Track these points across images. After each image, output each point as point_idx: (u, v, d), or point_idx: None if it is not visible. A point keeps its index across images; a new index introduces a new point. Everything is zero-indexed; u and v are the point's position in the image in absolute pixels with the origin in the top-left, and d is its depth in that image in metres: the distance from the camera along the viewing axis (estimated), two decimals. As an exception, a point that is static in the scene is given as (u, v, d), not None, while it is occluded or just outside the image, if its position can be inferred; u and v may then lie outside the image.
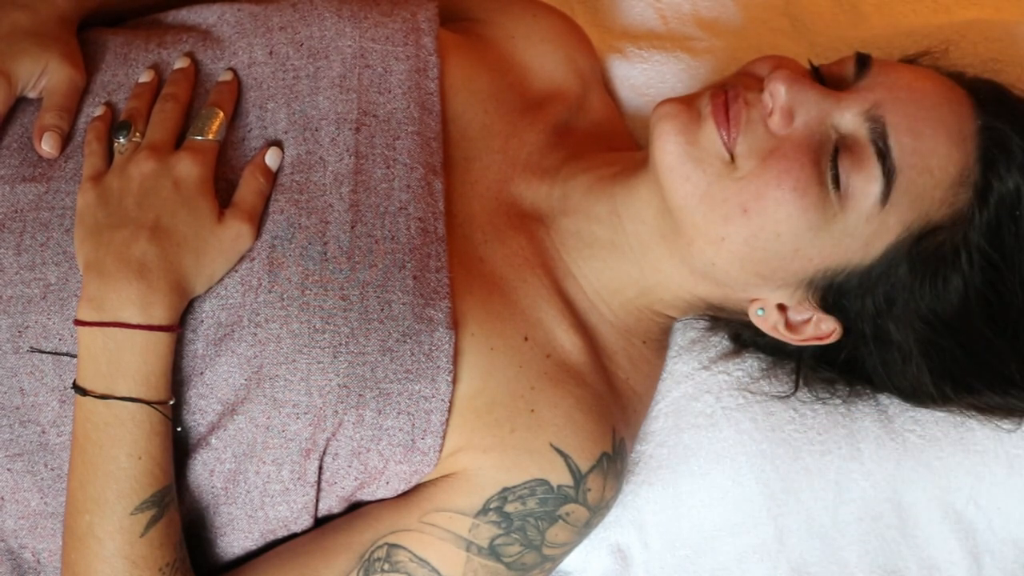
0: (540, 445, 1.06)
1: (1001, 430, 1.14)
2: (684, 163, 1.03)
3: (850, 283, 1.06)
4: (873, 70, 1.05)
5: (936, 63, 1.14)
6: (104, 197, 1.04)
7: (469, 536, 1.05)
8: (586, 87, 1.26)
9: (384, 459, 1.04)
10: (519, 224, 1.14)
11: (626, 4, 1.41)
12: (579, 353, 1.10)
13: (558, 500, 1.06)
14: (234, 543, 1.07)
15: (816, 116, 1.03)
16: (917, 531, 1.17)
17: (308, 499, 1.05)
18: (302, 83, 1.12)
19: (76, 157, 1.09)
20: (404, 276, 1.05)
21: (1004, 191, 1.03)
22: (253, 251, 1.05)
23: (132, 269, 1.00)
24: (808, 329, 1.09)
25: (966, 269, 1.04)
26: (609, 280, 1.13)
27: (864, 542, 1.17)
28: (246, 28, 1.14)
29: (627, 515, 1.18)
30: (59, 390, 1.04)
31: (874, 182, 1.02)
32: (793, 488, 1.16)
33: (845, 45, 1.31)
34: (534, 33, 1.25)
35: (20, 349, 1.04)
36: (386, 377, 1.02)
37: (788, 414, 1.17)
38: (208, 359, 1.04)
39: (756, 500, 1.16)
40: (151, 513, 1.01)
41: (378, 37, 1.14)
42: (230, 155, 1.09)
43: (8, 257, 1.05)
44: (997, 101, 1.06)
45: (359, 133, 1.10)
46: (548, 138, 1.19)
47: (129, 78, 1.13)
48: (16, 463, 1.05)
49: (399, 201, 1.08)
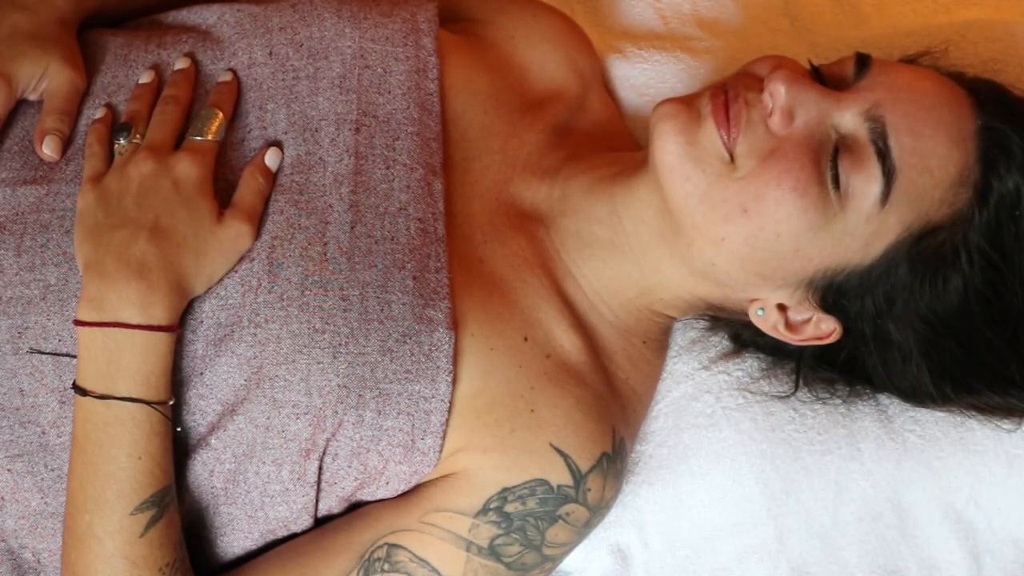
0: (540, 445, 1.06)
1: (1001, 430, 1.14)
2: (684, 163, 1.03)
3: (850, 283, 1.06)
4: (873, 70, 1.05)
5: (936, 63, 1.14)
6: (104, 198, 1.04)
7: (469, 536, 1.05)
8: (586, 87, 1.26)
9: (384, 459, 1.04)
10: (519, 224, 1.14)
11: (626, 4, 1.41)
12: (579, 353, 1.10)
13: (558, 500, 1.06)
14: (234, 543, 1.07)
15: (816, 116, 1.03)
16: (917, 531, 1.17)
17: (308, 499, 1.05)
18: (302, 84, 1.12)
19: (77, 159, 1.09)
20: (404, 276, 1.05)
21: (1004, 191, 1.03)
22: (253, 251, 1.05)
23: (132, 269, 1.00)
24: (808, 329, 1.09)
25: (966, 269, 1.03)
26: (609, 280, 1.13)
27: (864, 542, 1.17)
28: (246, 29, 1.14)
29: (627, 515, 1.17)
30: (59, 391, 1.04)
31: (874, 182, 1.02)
32: (793, 488, 1.16)
33: (845, 45, 1.31)
34: (534, 33, 1.25)
35: (20, 350, 1.04)
36: (386, 377, 1.02)
37: (788, 414, 1.17)
38: (208, 359, 1.04)
39: (756, 500, 1.16)
40: (151, 513, 1.01)
41: (378, 38, 1.14)
42: (230, 156, 1.09)
43: (8, 258, 1.05)
44: (997, 101, 1.06)
45: (359, 134, 1.10)
46: (548, 138, 1.19)
47: (129, 79, 1.13)
48: (16, 463, 1.05)
49: (399, 202, 1.08)
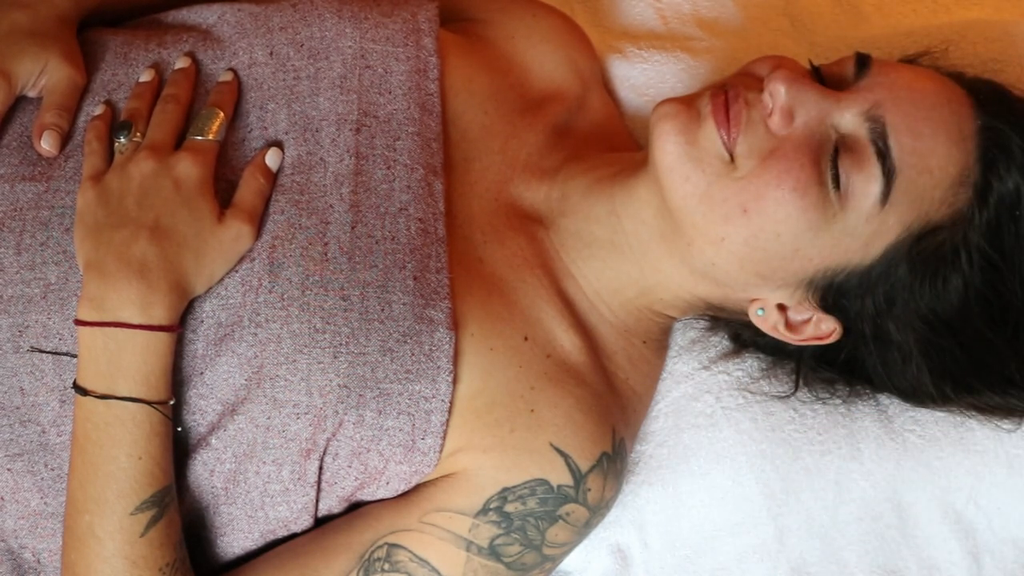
0: (540, 445, 1.06)
1: (1001, 430, 1.14)
2: (684, 163, 1.03)
3: (850, 283, 1.06)
4: (873, 70, 1.05)
5: (936, 63, 1.14)
6: (104, 197, 1.04)
7: (469, 536, 1.05)
8: (586, 87, 1.26)
9: (384, 459, 1.04)
10: (519, 225, 1.14)
11: (626, 4, 1.41)
12: (579, 353, 1.10)
13: (558, 500, 1.06)
14: (234, 543, 1.07)
15: (816, 116, 1.03)
16: (917, 531, 1.17)
17: (308, 499, 1.05)
18: (302, 84, 1.12)
19: (76, 156, 1.09)
20: (404, 276, 1.05)
21: (1004, 191, 1.03)
22: (253, 251, 1.05)
23: (132, 269, 1.00)
24: (808, 329, 1.09)
25: (966, 269, 1.03)
26: (609, 280, 1.13)
27: (864, 542, 1.17)
28: (246, 28, 1.14)
29: (627, 515, 1.17)
30: (59, 390, 1.04)
31: (874, 182, 1.02)
32: (793, 488, 1.16)
33: (845, 45, 1.31)
34: (534, 33, 1.25)
35: (20, 349, 1.04)
36: (386, 377, 1.02)
37: (788, 414, 1.17)
38: (208, 359, 1.04)
39: (756, 500, 1.16)
40: (151, 513, 1.01)
41: (378, 38, 1.14)
42: (230, 155, 1.09)
43: (8, 257, 1.05)
44: (997, 101, 1.06)
45: (359, 134, 1.10)
46: (548, 139, 1.19)
47: (129, 77, 1.13)
48: (16, 463, 1.04)
49: (399, 202, 1.08)
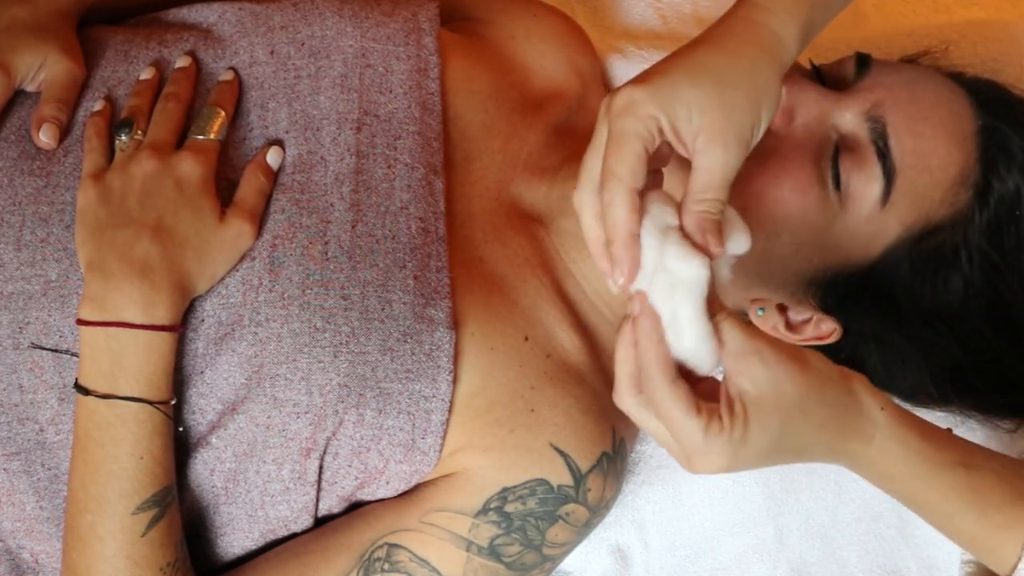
0: (540, 445, 1.06)
1: (1001, 430, 1.14)
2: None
3: (850, 283, 1.06)
4: (873, 70, 1.05)
5: (936, 63, 1.14)
6: (106, 196, 1.04)
7: (469, 536, 1.05)
8: (586, 87, 1.26)
9: (384, 459, 1.04)
10: (519, 224, 1.14)
11: (626, 4, 1.41)
12: (579, 353, 1.10)
13: (558, 500, 1.06)
14: (234, 543, 1.07)
15: (816, 116, 1.03)
16: (917, 531, 1.17)
17: (308, 499, 1.05)
18: (303, 83, 1.12)
19: (75, 152, 1.09)
20: (405, 276, 1.05)
21: (1004, 191, 1.03)
22: (254, 250, 1.05)
23: (135, 269, 1.00)
24: (808, 329, 1.09)
25: (966, 269, 1.03)
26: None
27: (864, 542, 1.17)
28: (247, 27, 1.14)
29: (627, 515, 1.18)
30: (58, 387, 1.04)
31: (874, 182, 1.02)
32: (793, 488, 1.16)
33: (845, 45, 1.31)
34: (534, 33, 1.25)
35: (20, 345, 1.04)
36: (387, 376, 1.02)
37: (788, 414, 1.16)
38: (209, 358, 1.03)
39: (756, 500, 1.16)
40: (152, 513, 1.00)
41: (379, 37, 1.14)
42: (231, 154, 1.09)
43: (8, 252, 1.05)
44: (997, 101, 1.06)
45: (360, 133, 1.10)
46: (548, 138, 1.19)
47: (129, 74, 1.13)
48: (13, 462, 1.04)
49: (400, 201, 1.08)
